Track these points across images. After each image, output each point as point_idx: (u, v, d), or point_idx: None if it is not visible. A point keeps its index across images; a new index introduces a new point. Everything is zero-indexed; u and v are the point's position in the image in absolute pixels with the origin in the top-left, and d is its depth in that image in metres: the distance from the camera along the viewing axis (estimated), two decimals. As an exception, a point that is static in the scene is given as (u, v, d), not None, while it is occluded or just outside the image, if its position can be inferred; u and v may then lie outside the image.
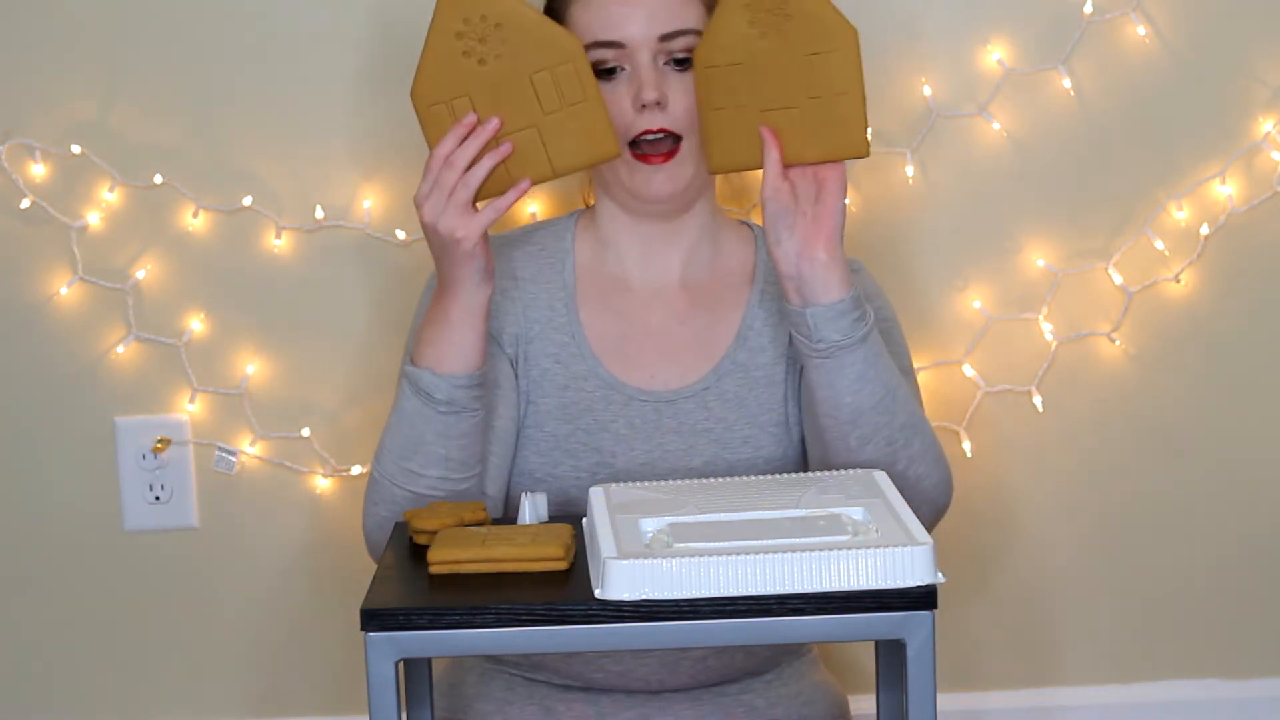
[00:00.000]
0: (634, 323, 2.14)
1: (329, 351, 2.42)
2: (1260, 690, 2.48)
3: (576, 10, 2.07)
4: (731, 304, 2.14)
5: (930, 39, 2.37)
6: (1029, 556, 2.46)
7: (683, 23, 2.05)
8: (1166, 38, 2.37)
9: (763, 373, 2.12)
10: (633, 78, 2.06)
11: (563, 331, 2.12)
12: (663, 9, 2.05)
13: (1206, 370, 2.43)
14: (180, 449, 2.43)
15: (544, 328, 2.12)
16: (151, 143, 2.38)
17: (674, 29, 2.05)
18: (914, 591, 1.62)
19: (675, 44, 2.05)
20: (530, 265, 2.15)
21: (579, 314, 2.13)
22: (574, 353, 2.12)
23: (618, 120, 2.05)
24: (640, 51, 2.05)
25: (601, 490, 1.83)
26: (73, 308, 2.41)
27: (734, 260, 2.17)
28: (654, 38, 2.05)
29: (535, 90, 1.98)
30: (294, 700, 2.48)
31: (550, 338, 2.12)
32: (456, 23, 1.98)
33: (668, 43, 2.05)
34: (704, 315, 2.14)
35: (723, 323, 2.14)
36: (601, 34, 2.05)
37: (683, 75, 2.06)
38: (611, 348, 2.13)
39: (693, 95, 2.03)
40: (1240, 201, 2.40)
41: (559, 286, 2.14)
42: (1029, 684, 2.48)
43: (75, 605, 2.47)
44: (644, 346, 2.13)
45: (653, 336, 2.13)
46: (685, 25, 2.05)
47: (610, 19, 2.05)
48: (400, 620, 1.64)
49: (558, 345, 2.12)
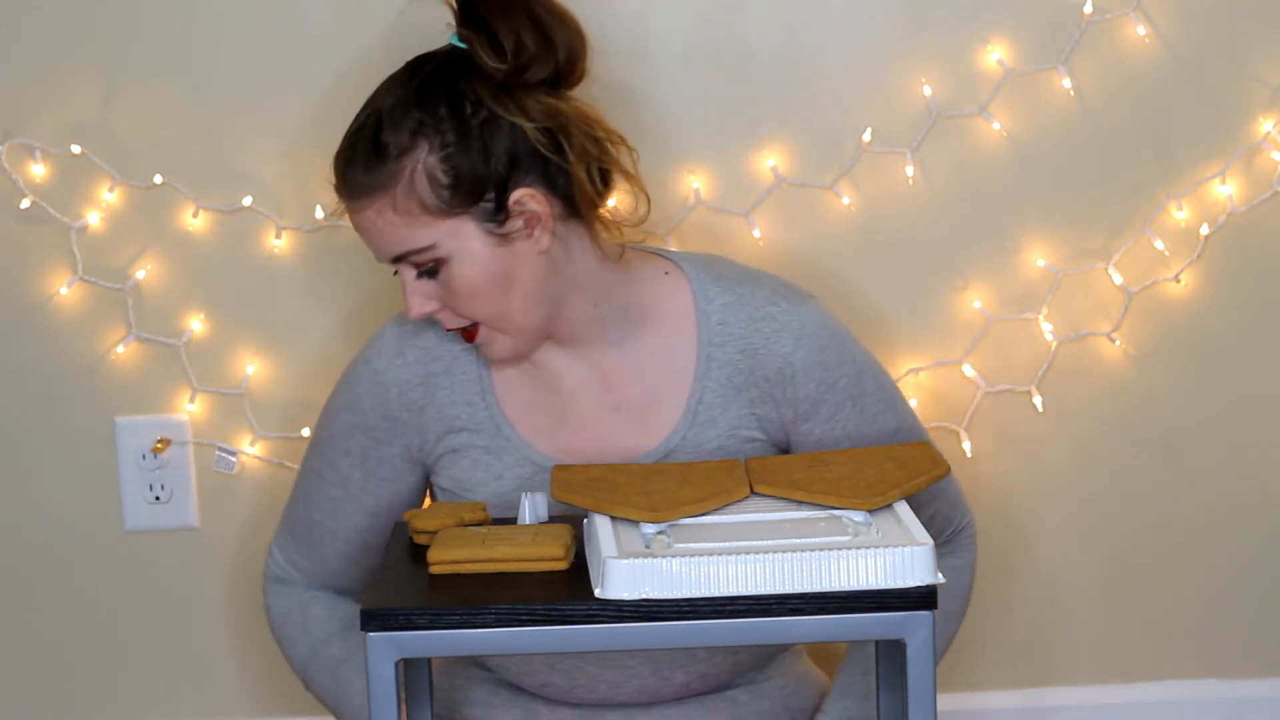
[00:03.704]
0: (563, 414, 2.08)
1: (329, 351, 2.42)
2: (1260, 690, 2.48)
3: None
4: (674, 376, 2.06)
5: (930, 39, 2.37)
6: (1029, 556, 2.46)
7: (409, 245, 1.98)
8: (1166, 38, 2.37)
9: (716, 445, 2.05)
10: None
11: (487, 426, 2.07)
12: (380, 233, 1.98)
13: (1206, 370, 2.43)
14: (180, 449, 2.44)
15: (467, 422, 2.08)
16: (151, 143, 2.38)
17: (398, 252, 1.98)
18: (914, 591, 1.62)
19: (416, 262, 1.99)
20: (442, 355, 2.09)
21: (500, 407, 2.08)
22: (504, 444, 2.07)
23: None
24: (402, 269, 2.00)
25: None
26: (73, 308, 2.41)
27: (669, 323, 2.07)
28: (389, 258, 2.00)
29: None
30: (294, 700, 2.48)
31: (478, 432, 2.07)
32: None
33: (403, 262, 1.99)
34: (638, 397, 2.07)
35: (664, 400, 2.06)
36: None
37: (443, 279, 1.98)
38: (543, 436, 2.07)
39: (458, 295, 1.97)
40: (1240, 201, 2.40)
41: (473, 379, 2.08)
42: (1029, 684, 2.48)
43: (75, 605, 2.47)
44: (577, 434, 2.08)
45: (585, 423, 2.08)
46: (413, 247, 1.97)
47: (361, 237, 2.02)
48: (400, 620, 1.64)
49: (487, 438, 2.07)
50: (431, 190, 1.95)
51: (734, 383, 2.05)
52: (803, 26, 2.36)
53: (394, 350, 2.09)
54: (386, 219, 1.97)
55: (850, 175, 2.38)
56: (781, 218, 2.39)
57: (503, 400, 2.08)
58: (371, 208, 1.97)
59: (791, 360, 2.05)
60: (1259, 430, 2.45)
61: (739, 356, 2.05)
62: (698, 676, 2.07)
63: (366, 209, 1.98)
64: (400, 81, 2.00)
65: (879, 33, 2.36)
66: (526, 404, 2.08)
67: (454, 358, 2.09)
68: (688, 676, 2.07)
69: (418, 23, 2.36)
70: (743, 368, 2.05)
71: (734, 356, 2.05)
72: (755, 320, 2.05)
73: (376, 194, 1.97)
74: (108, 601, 2.47)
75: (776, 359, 2.05)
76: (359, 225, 2.01)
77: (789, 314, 2.05)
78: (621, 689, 2.07)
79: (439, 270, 1.98)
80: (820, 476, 1.79)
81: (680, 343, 2.06)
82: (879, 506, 1.74)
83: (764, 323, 2.05)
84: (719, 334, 2.05)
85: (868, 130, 2.37)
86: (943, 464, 1.80)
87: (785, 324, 2.05)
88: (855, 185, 2.39)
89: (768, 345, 2.05)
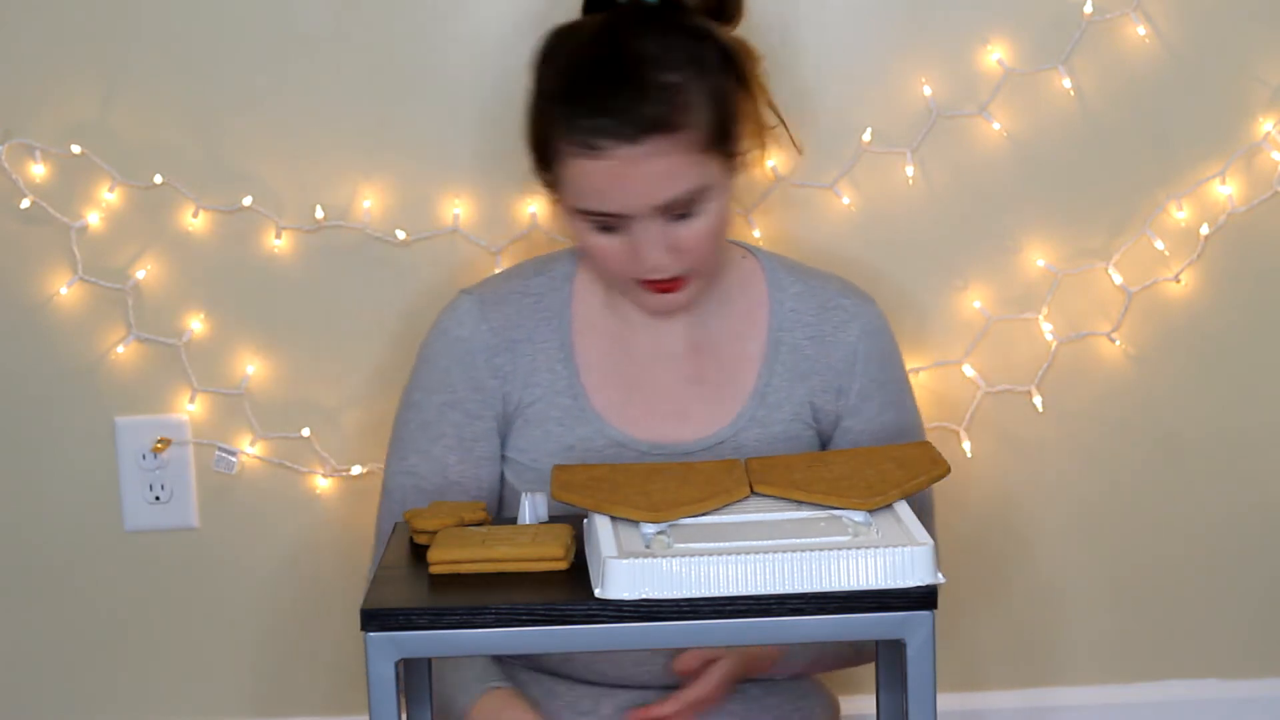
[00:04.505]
0: (640, 383, 2.10)
1: (329, 351, 2.42)
2: (1260, 690, 2.48)
3: (567, 170, 1.97)
4: (745, 358, 2.10)
5: (930, 39, 2.37)
6: (1029, 556, 2.46)
7: (682, 187, 1.95)
8: (1166, 38, 2.37)
9: (781, 429, 2.09)
10: (631, 238, 1.97)
11: (564, 394, 2.08)
12: (658, 177, 1.94)
13: (1206, 370, 2.43)
14: (180, 449, 2.43)
15: (545, 391, 2.08)
16: (151, 143, 2.38)
17: (671, 197, 1.95)
18: (914, 591, 1.62)
19: (675, 206, 1.96)
20: (525, 323, 2.09)
21: (579, 375, 2.08)
22: (577, 415, 2.08)
23: (618, 266, 1.99)
24: (647, 222, 1.96)
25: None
26: (73, 308, 2.41)
27: (743, 306, 2.11)
28: (650, 207, 1.95)
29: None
30: (294, 700, 2.48)
31: (553, 401, 2.08)
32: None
33: (659, 210, 1.96)
34: (715, 373, 2.10)
35: (736, 380, 2.10)
36: (594, 205, 1.96)
37: (689, 222, 1.97)
38: (617, 407, 2.08)
39: (699, 236, 1.96)
40: (1240, 201, 2.40)
41: (556, 346, 2.09)
42: (1029, 684, 2.48)
43: (75, 605, 2.47)
44: (653, 405, 2.09)
45: (661, 394, 2.09)
46: (685, 189, 1.95)
47: (601, 191, 1.95)
48: (400, 620, 1.64)
49: (560, 409, 2.08)
50: (708, 126, 1.95)
51: (800, 369, 2.09)
52: (803, 26, 2.36)
53: (476, 316, 2.09)
54: (669, 159, 1.93)
55: (850, 175, 2.38)
56: (782, 218, 2.39)
57: (582, 368, 2.08)
58: (652, 147, 1.92)
59: (856, 349, 2.10)
60: (1259, 430, 2.45)
61: (807, 343, 2.10)
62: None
63: (641, 149, 1.92)
64: (639, 24, 1.98)
65: (879, 33, 2.36)
66: (606, 371, 2.09)
67: (535, 325, 2.09)
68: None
69: (418, 22, 2.36)
70: (809, 353, 2.09)
71: (802, 342, 2.09)
72: (826, 309, 2.11)
73: (660, 132, 1.92)
74: (108, 601, 2.47)
75: (843, 347, 2.10)
76: (618, 172, 1.93)
77: (858, 307, 2.12)
78: (645, 666, 2.07)
79: (690, 213, 1.96)
80: (820, 476, 1.79)
81: (753, 325, 2.11)
82: (879, 506, 1.74)
83: (835, 312, 2.11)
84: (790, 320, 2.10)
85: (868, 130, 2.38)
86: (943, 464, 1.80)
87: (854, 314, 2.11)
88: (855, 185, 2.39)
89: (835, 334, 2.10)
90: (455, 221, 2.39)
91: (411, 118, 2.37)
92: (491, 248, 2.39)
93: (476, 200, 2.39)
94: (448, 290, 2.29)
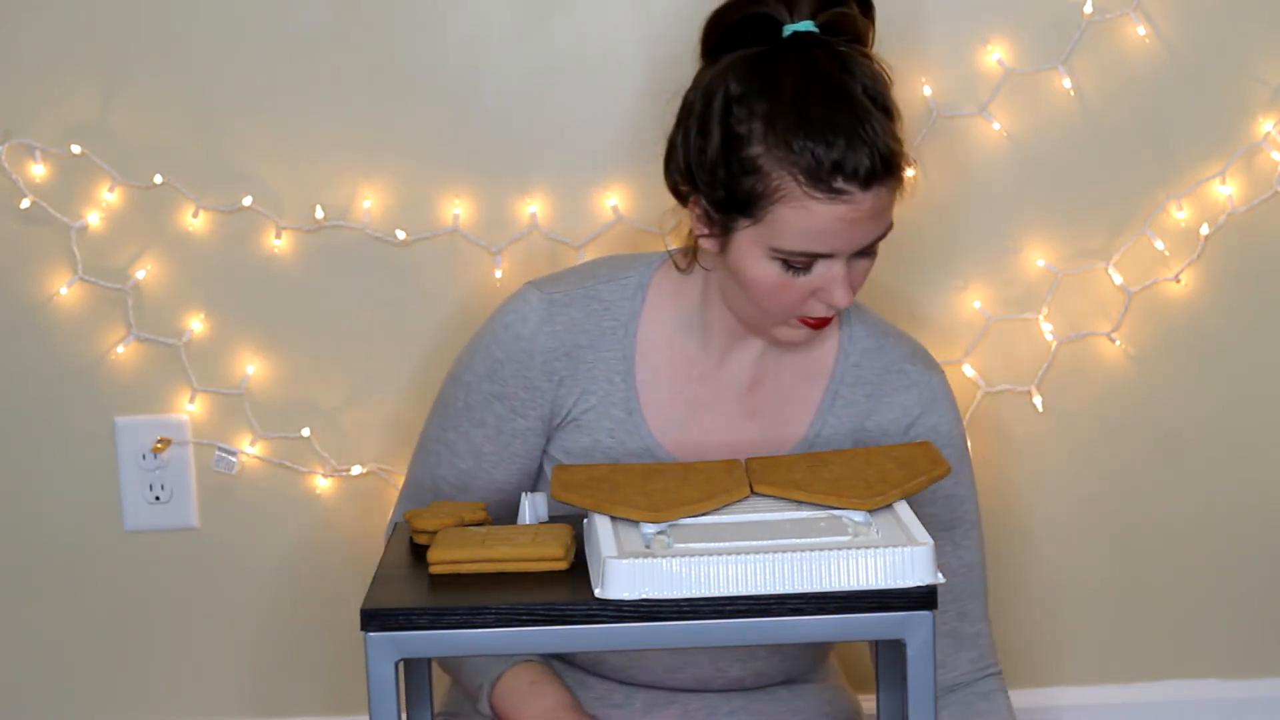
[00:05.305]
0: (696, 406, 2.06)
1: (329, 351, 2.42)
2: (1260, 690, 2.48)
3: (784, 210, 1.89)
4: (803, 400, 2.07)
5: (930, 39, 2.37)
6: (1029, 556, 2.46)
7: (884, 227, 1.92)
8: (1166, 38, 2.37)
9: None
10: (813, 278, 1.93)
11: (619, 407, 2.04)
12: (877, 218, 1.90)
13: (1206, 370, 2.43)
14: (180, 449, 2.43)
15: (600, 400, 2.04)
16: (151, 143, 2.38)
17: (877, 236, 1.92)
18: (914, 591, 1.62)
19: (877, 242, 1.94)
20: (590, 329, 2.04)
21: (638, 390, 2.05)
22: (630, 430, 2.05)
23: (790, 303, 1.94)
24: (837, 261, 1.92)
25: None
26: (73, 308, 2.41)
27: (815, 350, 2.07)
28: (859, 248, 1.92)
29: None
30: (294, 700, 2.48)
31: (606, 412, 2.05)
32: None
33: (860, 250, 1.92)
34: (772, 412, 2.07)
35: (790, 422, 2.07)
36: (808, 246, 1.90)
37: (865, 260, 1.94)
38: (670, 427, 2.05)
39: (866, 273, 1.94)
40: (1240, 201, 2.40)
41: (619, 358, 2.04)
42: (1029, 684, 2.48)
43: (75, 605, 2.47)
44: (706, 431, 2.06)
45: (716, 422, 2.06)
46: (886, 228, 1.93)
47: (829, 233, 1.89)
48: (400, 620, 1.64)
49: (613, 421, 2.05)
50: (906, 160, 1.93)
51: (851, 425, 2.07)
52: (803, 26, 2.36)
53: (542, 316, 2.04)
54: (883, 201, 1.90)
55: (850, 175, 2.38)
56: (781, 218, 2.39)
57: (642, 383, 2.05)
58: (883, 187, 1.89)
59: (910, 412, 2.07)
60: (1259, 430, 2.45)
61: (864, 399, 2.07)
62: (752, 674, 2.08)
63: (872, 192, 1.89)
64: (830, 60, 1.92)
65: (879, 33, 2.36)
66: (667, 389, 2.06)
67: (601, 333, 2.04)
68: (743, 672, 2.07)
69: (418, 22, 2.36)
70: (864, 410, 2.07)
71: (859, 398, 2.07)
72: (889, 372, 2.08)
73: (892, 175, 1.90)
74: (108, 601, 2.47)
75: (896, 409, 2.07)
76: (849, 216, 1.89)
77: (921, 375, 2.08)
78: (678, 674, 2.06)
79: (871, 251, 1.94)
80: (820, 476, 1.79)
81: (818, 371, 2.08)
82: (879, 506, 1.74)
83: (896, 376, 2.07)
84: (852, 374, 2.07)
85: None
86: (943, 464, 1.80)
87: (915, 382, 2.07)
88: (855, 185, 2.39)
89: (893, 396, 2.07)
90: (455, 221, 2.39)
91: (411, 118, 2.37)
92: (491, 248, 2.39)
93: (476, 200, 2.39)
94: (448, 290, 2.29)
